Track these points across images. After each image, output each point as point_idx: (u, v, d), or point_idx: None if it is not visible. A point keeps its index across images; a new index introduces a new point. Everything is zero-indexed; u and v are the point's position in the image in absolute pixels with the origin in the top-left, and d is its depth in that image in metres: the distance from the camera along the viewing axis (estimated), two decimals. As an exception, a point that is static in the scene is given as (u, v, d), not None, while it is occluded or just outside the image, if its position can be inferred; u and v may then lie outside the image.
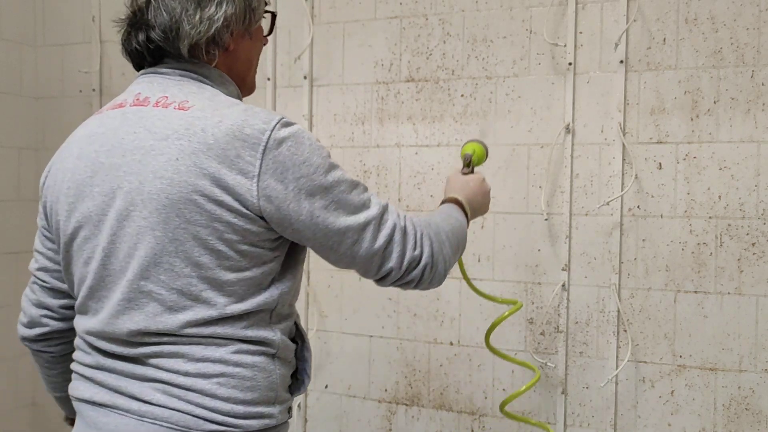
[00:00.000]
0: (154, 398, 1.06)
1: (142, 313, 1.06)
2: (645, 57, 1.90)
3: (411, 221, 1.18)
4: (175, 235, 1.03)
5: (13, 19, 2.57)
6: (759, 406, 1.82)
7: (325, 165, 1.08)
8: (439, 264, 1.20)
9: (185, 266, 1.04)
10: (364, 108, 2.19)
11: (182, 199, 1.03)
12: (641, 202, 1.91)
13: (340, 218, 1.09)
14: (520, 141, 2.02)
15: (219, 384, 1.06)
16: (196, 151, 1.03)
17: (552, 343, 1.99)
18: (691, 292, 1.87)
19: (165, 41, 1.12)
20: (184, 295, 1.05)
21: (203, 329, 1.06)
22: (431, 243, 1.19)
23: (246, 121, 1.04)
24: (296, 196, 1.05)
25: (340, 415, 2.24)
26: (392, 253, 1.14)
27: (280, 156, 1.04)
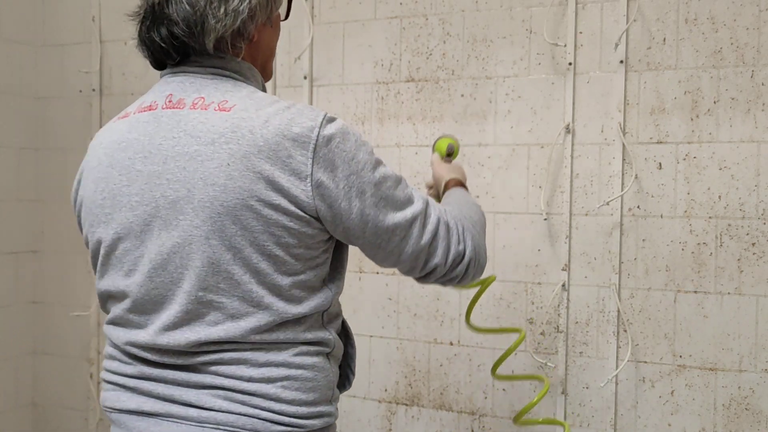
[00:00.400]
0: (216, 404, 1.04)
1: (203, 323, 1.04)
2: (645, 57, 1.90)
3: (452, 215, 1.17)
4: (233, 242, 1.01)
5: (13, 19, 2.57)
6: (759, 406, 1.82)
7: (372, 161, 1.08)
8: (481, 257, 1.19)
9: (244, 273, 1.02)
10: (364, 108, 2.19)
11: (238, 205, 1.00)
12: (641, 202, 1.91)
13: (388, 215, 1.08)
14: (520, 141, 2.02)
15: (283, 387, 1.06)
16: (248, 154, 1.00)
17: (552, 343, 1.99)
18: (691, 292, 1.87)
19: (189, 36, 1.07)
20: (246, 302, 1.03)
21: (267, 335, 1.05)
22: (473, 236, 1.18)
23: (293, 120, 1.02)
24: (347, 194, 1.04)
25: (340, 415, 2.23)
26: (437, 248, 1.13)
27: (330, 153, 1.03)
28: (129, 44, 2.48)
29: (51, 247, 2.62)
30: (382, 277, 2.17)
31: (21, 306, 2.55)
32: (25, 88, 2.61)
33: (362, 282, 2.20)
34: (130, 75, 2.49)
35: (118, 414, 1.11)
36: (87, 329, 2.55)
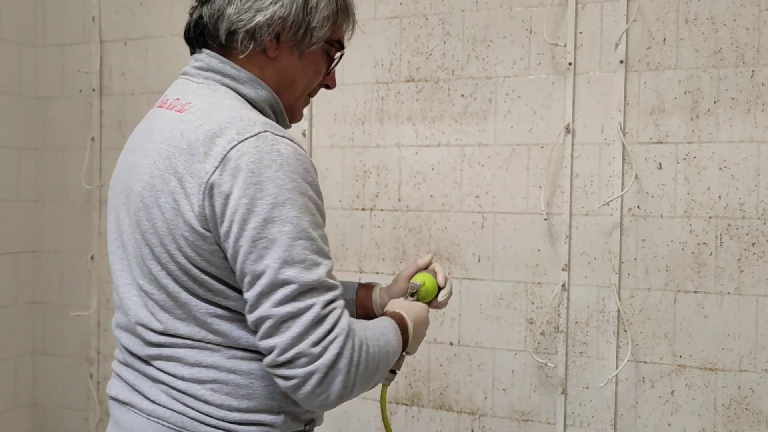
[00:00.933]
0: (160, 399, 1.05)
1: (146, 311, 1.07)
2: (645, 57, 1.90)
3: (339, 319, 0.99)
4: (146, 239, 1.03)
5: (13, 19, 2.57)
6: (759, 406, 1.82)
7: (282, 198, 0.97)
8: (336, 384, 0.97)
9: (161, 270, 1.03)
10: (364, 108, 2.19)
11: (152, 203, 1.02)
12: (641, 202, 1.91)
13: (263, 260, 0.96)
14: (520, 141, 2.02)
15: (212, 390, 1.03)
16: (171, 155, 1.01)
17: (552, 343, 1.99)
18: (691, 292, 1.87)
19: (210, 18, 1.11)
20: (170, 296, 1.04)
21: (196, 333, 1.04)
22: (339, 353, 0.97)
23: (223, 129, 0.99)
24: (231, 216, 0.97)
25: (340, 415, 2.24)
26: (288, 330, 0.96)
27: (236, 169, 0.96)
28: (129, 44, 2.48)
29: (51, 247, 2.62)
30: (382, 277, 2.17)
31: (21, 306, 2.55)
32: (25, 88, 2.61)
33: (362, 282, 2.20)
34: (130, 75, 2.49)
35: (109, 401, 1.16)
36: (87, 329, 2.55)
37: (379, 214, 2.17)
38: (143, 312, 1.07)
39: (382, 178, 2.17)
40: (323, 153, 2.25)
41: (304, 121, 2.25)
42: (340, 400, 1.00)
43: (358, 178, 2.20)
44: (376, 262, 2.18)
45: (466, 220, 2.08)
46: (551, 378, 1.99)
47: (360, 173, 2.20)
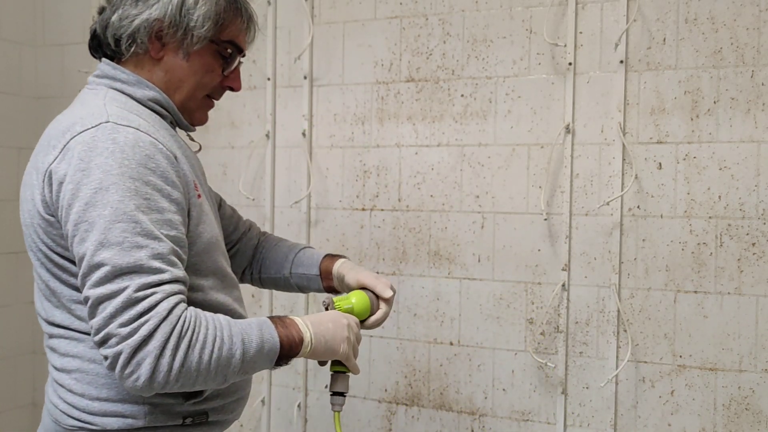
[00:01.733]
0: (48, 389, 1.14)
1: (38, 301, 1.16)
2: (645, 57, 1.90)
3: (161, 301, 0.98)
4: (26, 229, 1.13)
5: (13, 19, 2.57)
6: (759, 406, 1.82)
7: (107, 183, 0.99)
8: (143, 367, 0.96)
9: (35, 259, 1.12)
10: (364, 108, 2.19)
11: (24, 198, 1.13)
12: (641, 202, 1.91)
13: (84, 243, 0.99)
14: (520, 141, 2.02)
15: (76, 380, 1.07)
16: (37, 153, 1.12)
17: (552, 343, 1.99)
18: (691, 292, 1.87)
19: (101, 29, 1.22)
20: (46, 285, 1.11)
21: (64, 322, 1.10)
22: (151, 335, 0.96)
23: (74, 122, 1.07)
24: (60, 201, 1.03)
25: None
26: (103, 311, 0.97)
27: (69, 155, 1.03)
28: (129, 44, 2.48)
29: (51, 247, 2.61)
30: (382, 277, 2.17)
31: (21, 306, 2.55)
32: (25, 88, 2.61)
33: (362, 282, 2.20)
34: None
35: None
36: (87, 329, 2.55)
37: (379, 214, 2.17)
38: (37, 302, 1.16)
39: (382, 178, 2.17)
40: (323, 153, 2.25)
41: (305, 121, 2.25)
42: (156, 384, 0.97)
43: (358, 178, 2.20)
44: (376, 262, 2.18)
45: (466, 220, 2.08)
46: (551, 378, 1.99)
47: (360, 173, 2.20)
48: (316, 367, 2.26)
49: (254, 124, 2.34)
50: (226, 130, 2.37)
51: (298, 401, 2.28)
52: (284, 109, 2.30)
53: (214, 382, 1.04)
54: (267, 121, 2.31)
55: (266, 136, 2.30)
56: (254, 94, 2.34)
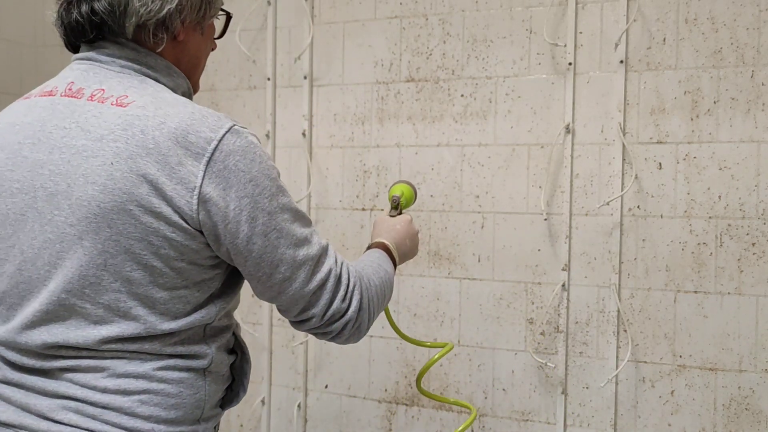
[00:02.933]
0: (65, 418, 0.96)
1: (62, 326, 0.98)
2: (645, 57, 1.90)
3: (347, 269, 1.11)
4: (105, 247, 0.95)
5: (13, 19, 2.57)
6: (759, 406, 1.82)
7: (273, 187, 1.01)
8: (364, 321, 1.12)
9: (114, 281, 0.96)
10: (364, 108, 2.19)
11: (115, 208, 0.94)
12: (641, 202, 1.91)
13: (278, 250, 1.01)
14: (520, 141, 2.02)
15: (140, 401, 0.98)
16: (134, 155, 0.94)
17: (552, 343, 1.99)
18: (691, 292, 1.87)
19: (110, 15, 1.01)
20: (111, 310, 0.97)
21: (128, 345, 0.98)
22: (360, 298, 1.11)
23: (192, 126, 0.96)
24: (236, 216, 0.97)
25: (340, 415, 2.24)
26: (320, 299, 1.06)
27: (226, 171, 0.96)
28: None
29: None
30: (382, 277, 2.17)
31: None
32: (25, 88, 2.60)
33: (362, 282, 2.20)
34: (130, 75, 2.49)
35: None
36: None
37: (379, 214, 2.17)
38: (58, 328, 0.98)
39: (382, 178, 2.17)
40: (323, 153, 2.25)
41: (305, 121, 2.25)
42: (368, 330, 1.15)
43: (358, 178, 2.20)
44: (376, 262, 2.18)
45: (466, 220, 2.08)
46: (551, 378, 1.99)
47: (360, 173, 2.20)
48: (316, 367, 2.26)
49: (254, 124, 2.34)
50: (226, 130, 2.37)
51: (298, 401, 2.28)
52: (284, 109, 2.30)
53: (382, 309, 1.21)
54: (267, 121, 2.31)
55: (266, 136, 2.30)
56: (254, 94, 2.34)
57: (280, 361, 2.32)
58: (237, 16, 2.34)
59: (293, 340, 2.29)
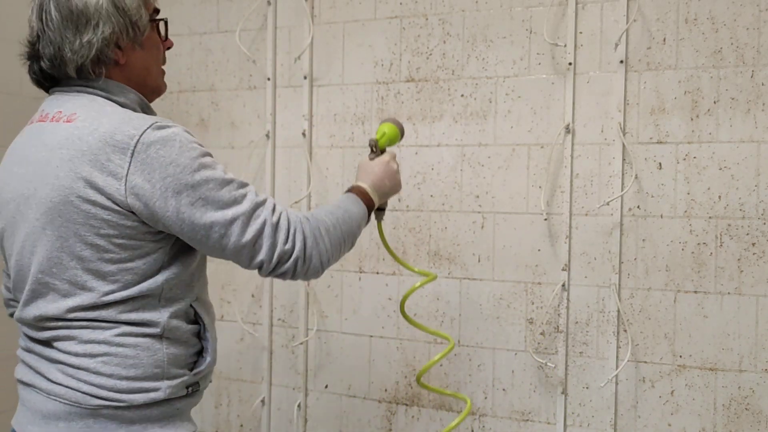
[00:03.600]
0: (57, 377, 1.21)
1: (43, 301, 1.23)
2: (645, 57, 1.90)
3: (287, 217, 1.27)
4: (60, 233, 1.18)
5: (13, 19, 2.57)
6: (759, 406, 1.82)
7: (194, 165, 1.17)
8: (313, 258, 1.29)
9: (71, 260, 1.19)
10: (364, 108, 2.19)
11: (62, 201, 1.17)
12: (641, 202, 1.91)
13: (206, 214, 1.18)
14: (520, 141, 2.02)
15: (103, 362, 1.19)
16: (73, 158, 1.17)
17: (552, 343, 1.99)
18: (691, 292, 1.87)
19: (53, 69, 1.26)
20: (73, 284, 1.19)
21: (88, 313, 1.20)
22: (305, 238, 1.27)
23: (118, 128, 1.16)
24: (162, 194, 1.15)
25: (340, 415, 2.24)
26: (262, 246, 1.23)
27: (148, 158, 1.15)
28: (129, 44, 2.48)
29: (51, 247, 2.61)
30: (382, 277, 2.17)
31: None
32: (25, 88, 2.60)
33: (362, 282, 2.20)
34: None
35: (17, 384, 1.31)
36: (87, 329, 2.55)
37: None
38: (41, 302, 1.23)
39: (382, 178, 2.17)
40: (323, 153, 2.25)
41: (305, 121, 2.25)
42: (324, 267, 1.32)
43: (358, 178, 2.20)
44: (376, 262, 2.18)
45: (466, 220, 2.08)
46: (551, 378, 1.99)
47: (360, 173, 2.20)
48: (316, 367, 2.26)
49: (254, 124, 2.34)
50: (226, 130, 2.38)
51: (298, 401, 2.28)
52: (284, 109, 2.30)
53: (347, 248, 1.39)
54: (267, 121, 2.31)
55: (266, 136, 2.30)
56: (254, 94, 2.34)
57: (280, 361, 2.32)
58: (237, 16, 2.34)
59: (293, 340, 2.29)
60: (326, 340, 2.25)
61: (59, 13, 1.23)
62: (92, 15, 1.23)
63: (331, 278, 2.24)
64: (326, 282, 2.25)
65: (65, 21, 1.23)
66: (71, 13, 1.23)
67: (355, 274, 2.21)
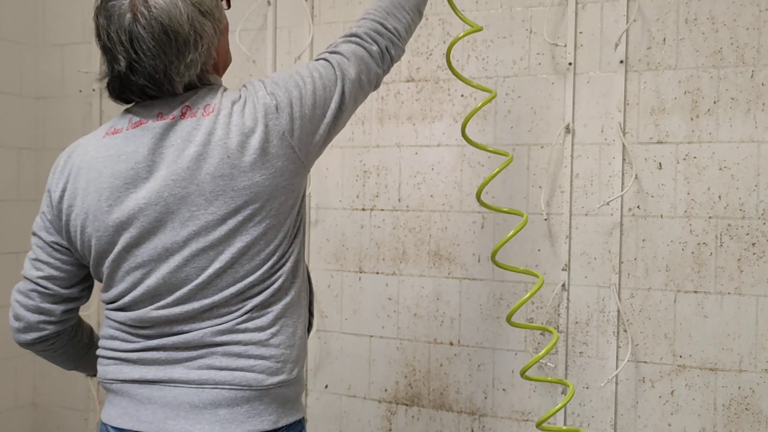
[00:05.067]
0: (233, 362, 1.22)
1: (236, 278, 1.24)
2: (645, 57, 1.90)
3: (343, 46, 1.33)
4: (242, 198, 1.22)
5: (13, 19, 2.57)
6: (759, 406, 1.82)
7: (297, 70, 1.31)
8: (393, 37, 1.38)
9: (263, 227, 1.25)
10: (364, 108, 2.19)
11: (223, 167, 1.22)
12: (641, 202, 1.91)
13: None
14: (520, 141, 2.02)
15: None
16: (217, 138, 1.22)
17: (552, 343, 1.99)
18: (691, 292, 1.87)
19: (160, 91, 1.20)
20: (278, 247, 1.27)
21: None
22: (375, 28, 1.36)
23: (257, 101, 1.25)
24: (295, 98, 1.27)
25: (340, 415, 2.24)
26: (373, 68, 1.36)
27: (252, 92, 1.25)
28: (129, 44, 2.48)
29: (51, 247, 2.61)
30: (382, 277, 2.17)
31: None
32: (25, 88, 2.61)
33: (362, 282, 2.20)
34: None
35: (120, 384, 1.25)
36: (87, 329, 2.55)
37: (379, 214, 2.17)
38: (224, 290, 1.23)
39: (382, 178, 2.17)
40: (323, 153, 2.24)
41: (304, 121, 2.25)
42: (407, 34, 1.43)
43: (358, 178, 2.20)
44: (376, 262, 2.18)
45: (466, 220, 2.08)
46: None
47: (360, 173, 2.20)
48: (316, 367, 2.26)
49: (254, 124, 2.33)
50: (226, 130, 2.37)
51: (298, 401, 2.28)
52: (284, 109, 2.29)
53: (418, 18, 1.47)
54: (267, 121, 2.30)
55: (266, 136, 2.30)
56: (254, 94, 2.33)
57: (280, 361, 2.32)
58: (237, 16, 2.34)
59: (293, 340, 2.29)
60: (326, 340, 2.25)
61: (155, 40, 1.16)
62: (188, 33, 1.17)
63: (331, 278, 2.24)
64: (326, 282, 2.25)
65: (164, 46, 1.16)
66: (168, 38, 1.16)
67: (355, 274, 2.21)
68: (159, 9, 1.15)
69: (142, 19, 1.16)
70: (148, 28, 1.15)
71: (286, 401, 1.26)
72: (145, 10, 1.16)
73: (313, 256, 2.26)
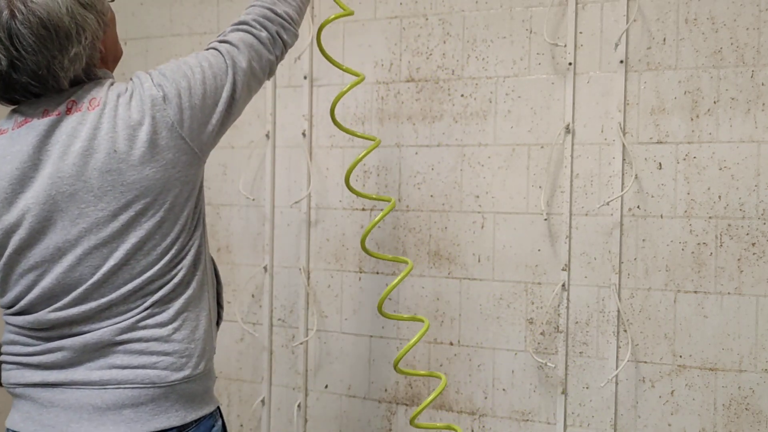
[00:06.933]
0: (140, 360, 1.22)
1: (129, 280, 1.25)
2: (645, 57, 1.90)
3: (232, 35, 1.37)
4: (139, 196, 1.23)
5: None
6: (759, 406, 1.82)
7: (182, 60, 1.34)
8: (285, 22, 1.42)
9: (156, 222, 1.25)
10: (364, 108, 2.19)
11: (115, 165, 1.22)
12: (641, 202, 1.91)
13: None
14: (520, 141, 2.02)
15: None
16: (106, 136, 1.24)
17: (552, 343, 1.99)
18: (691, 292, 1.87)
19: (45, 88, 1.19)
20: (174, 243, 1.28)
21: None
22: (262, 18, 1.40)
23: (143, 93, 1.28)
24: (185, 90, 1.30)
25: (340, 415, 2.24)
26: (265, 54, 1.40)
27: (137, 87, 1.28)
28: (129, 44, 2.48)
29: (51, 247, 2.61)
30: (382, 277, 2.17)
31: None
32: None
33: (362, 282, 2.20)
34: (130, 75, 2.48)
35: (23, 389, 1.24)
36: (87, 329, 2.54)
37: (379, 214, 2.17)
38: (117, 289, 1.23)
39: (382, 178, 2.17)
40: (323, 153, 2.25)
41: (305, 121, 2.25)
42: (297, 21, 1.47)
43: (358, 178, 2.20)
44: (376, 263, 2.18)
45: (466, 220, 2.08)
46: (551, 378, 1.99)
47: (360, 173, 2.20)
48: (316, 367, 2.26)
49: (254, 124, 2.34)
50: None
51: (298, 401, 2.28)
52: (284, 109, 2.29)
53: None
54: (267, 121, 2.31)
55: (266, 136, 2.30)
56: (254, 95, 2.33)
57: (280, 361, 2.32)
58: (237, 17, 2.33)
59: (293, 340, 2.29)
60: (326, 340, 2.25)
61: (34, 36, 1.14)
62: (70, 26, 1.16)
63: (331, 278, 2.24)
64: (326, 282, 2.25)
65: (45, 41, 1.15)
66: (48, 32, 1.14)
67: (355, 274, 2.21)
68: (36, 3, 1.13)
69: (19, 15, 1.13)
70: (27, 23, 1.13)
71: (194, 396, 1.24)
72: (22, 5, 1.13)
73: (313, 256, 2.26)
